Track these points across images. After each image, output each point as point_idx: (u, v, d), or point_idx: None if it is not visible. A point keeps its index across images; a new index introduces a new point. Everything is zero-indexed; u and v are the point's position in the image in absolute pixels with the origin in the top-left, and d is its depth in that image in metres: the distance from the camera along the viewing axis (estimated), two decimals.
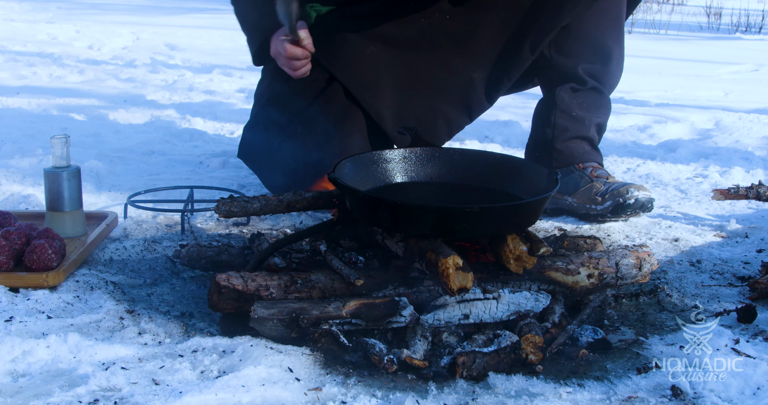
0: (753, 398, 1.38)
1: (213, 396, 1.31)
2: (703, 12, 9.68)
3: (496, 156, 1.98)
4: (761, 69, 6.01)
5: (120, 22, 7.71)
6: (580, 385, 1.44)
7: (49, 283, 1.76)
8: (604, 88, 2.48)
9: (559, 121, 2.45)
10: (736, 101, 4.50)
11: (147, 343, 1.55)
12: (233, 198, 1.78)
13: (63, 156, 2.00)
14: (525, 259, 1.60)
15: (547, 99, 2.51)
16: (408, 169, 1.95)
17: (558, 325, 1.63)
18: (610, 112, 2.55)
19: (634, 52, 6.46)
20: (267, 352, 1.46)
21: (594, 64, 2.44)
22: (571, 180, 2.42)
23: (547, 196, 1.66)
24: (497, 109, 4.02)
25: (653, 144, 3.47)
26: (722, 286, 1.93)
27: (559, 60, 2.43)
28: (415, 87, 2.41)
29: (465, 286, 1.49)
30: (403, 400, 1.35)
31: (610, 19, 2.43)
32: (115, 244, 2.06)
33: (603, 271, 1.72)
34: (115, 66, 5.31)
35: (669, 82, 5.28)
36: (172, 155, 3.09)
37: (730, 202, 2.62)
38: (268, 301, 1.53)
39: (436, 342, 1.58)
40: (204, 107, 3.98)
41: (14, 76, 4.74)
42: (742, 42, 7.96)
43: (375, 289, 1.59)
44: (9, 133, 3.27)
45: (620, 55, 2.50)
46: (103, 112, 3.77)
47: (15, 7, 8.86)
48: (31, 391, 1.34)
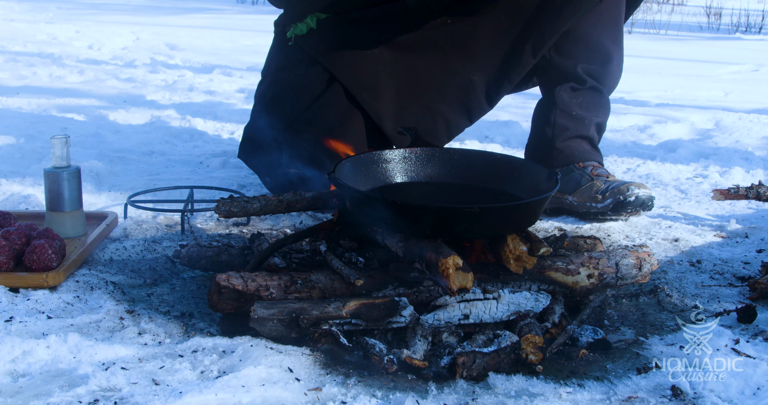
0: (753, 398, 1.38)
1: (213, 396, 1.31)
2: (703, 12, 9.68)
3: (496, 156, 1.98)
4: (761, 69, 6.01)
5: (120, 22, 7.71)
6: (580, 385, 1.44)
7: (49, 283, 1.76)
8: (603, 88, 2.48)
9: (559, 121, 2.46)
10: (736, 101, 4.50)
11: (147, 343, 1.55)
12: (233, 198, 1.78)
13: (63, 156, 2.00)
14: (525, 259, 1.60)
15: (546, 98, 2.52)
16: (408, 169, 1.95)
17: (558, 325, 1.63)
18: (609, 112, 2.55)
19: (634, 52, 6.46)
20: (267, 352, 1.46)
21: (593, 64, 2.44)
22: (572, 179, 2.43)
23: (547, 196, 1.66)
24: (497, 109, 4.01)
25: (653, 144, 3.46)
26: (722, 286, 1.93)
27: (559, 60, 2.44)
28: (414, 88, 2.41)
29: (465, 286, 1.49)
30: (403, 400, 1.35)
31: (609, 20, 2.43)
32: (115, 244, 2.06)
33: (603, 271, 1.72)
34: (115, 66, 5.31)
35: (669, 82, 5.28)
36: (172, 155, 3.09)
37: (730, 202, 2.62)
38: (268, 301, 1.53)
39: (436, 342, 1.58)
40: (204, 107, 3.98)
41: (14, 76, 4.74)
42: (742, 42, 7.96)
43: (375, 289, 1.59)
44: (9, 133, 3.27)
45: (619, 57, 2.50)
46: (103, 112, 3.77)
47: (15, 7, 8.87)
48: (31, 391, 1.34)
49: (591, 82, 2.45)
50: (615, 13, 2.44)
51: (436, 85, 2.41)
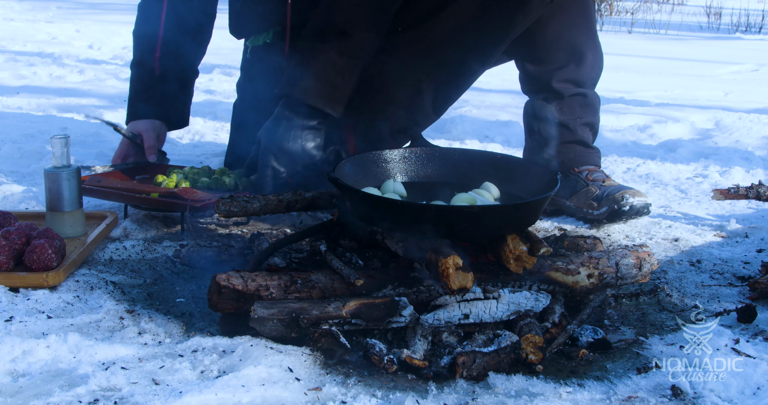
0: (753, 398, 1.38)
1: (213, 396, 1.31)
2: (703, 12, 9.67)
3: (496, 156, 1.98)
4: (761, 69, 6.01)
5: (120, 22, 7.69)
6: (580, 385, 1.44)
7: (49, 283, 1.76)
8: (585, 89, 2.44)
9: (544, 131, 2.43)
10: (736, 101, 4.50)
11: (147, 343, 1.55)
12: (233, 198, 1.78)
13: (63, 156, 2.00)
14: (525, 259, 1.60)
15: (529, 107, 2.50)
16: (408, 169, 1.95)
17: (558, 325, 1.63)
18: (598, 106, 2.51)
19: (634, 52, 6.47)
20: (267, 352, 1.46)
21: (568, 66, 2.38)
22: (568, 184, 2.43)
23: (547, 196, 1.66)
24: (497, 109, 4.02)
25: (653, 144, 3.47)
26: (722, 286, 1.93)
27: (533, 70, 2.40)
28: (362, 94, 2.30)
29: (465, 286, 1.49)
30: (403, 400, 1.35)
31: (578, 13, 2.36)
32: (115, 244, 2.06)
33: (603, 271, 1.72)
34: (115, 66, 5.31)
35: (669, 82, 5.28)
36: (172, 155, 3.08)
37: (730, 202, 2.62)
38: (268, 301, 1.53)
39: (436, 342, 1.58)
40: (204, 107, 3.98)
41: (14, 76, 4.73)
42: (742, 42, 7.96)
43: (375, 289, 1.59)
44: (9, 133, 3.27)
45: (595, 47, 2.43)
46: (103, 112, 3.77)
47: (15, 7, 8.86)
48: (31, 391, 1.34)
49: (570, 90, 2.41)
50: (582, 4, 2.36)
51: (384, 91, 2.33)
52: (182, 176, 2.35)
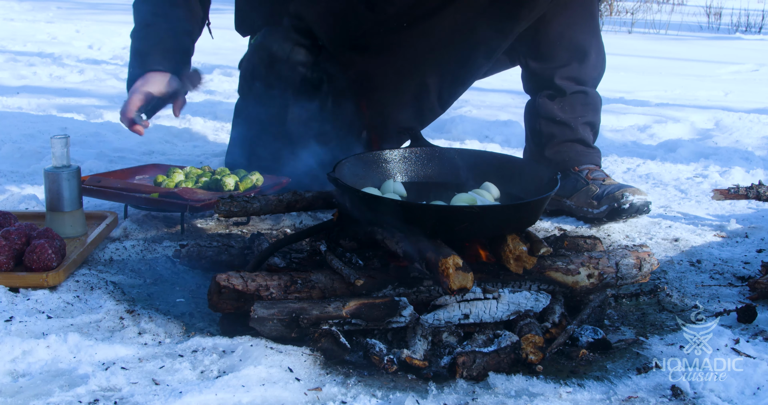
0: (753, 398, 1.38)
1: (213, 396, 1.31)
2: (703, 12, 9.68)
3: (496, 156, 1.98)
4: (761, 69, 6.01)
5: (120, 22, 7.69)
6: (580, 385, 1.44)
7: (49, 283, 1.75)
8: (586, 88, 2.45)
9: (545, 129, 2.44)
10: (736, 101, 4.50)
11: (147, 343, 1.55)
12: (233, 198, 1.78)
13: (63, 156, 2.00)
14: (525, 259, 1.60)
15: (530, 106, 2.50)
16: (408, 169, 1.95)
17: (558, 325, 1.63)
18: (600, 106, 2.51)
19: (634, 52, 6.46)
20: (267, 352, 1.46)
21: (570, 64, 2.39)
22: (568, 183, 2.43)
23: (547, 196, 1.66)
24: (497, 109, 4.02)
25: (653, 144, 3.47)
26: (722, 286, 1.93)
27: (536, 67, 2.41)
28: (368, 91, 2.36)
29: (465, 286, 1.49)
30: (403, 400, 1.35)
31: (581, 12, 2.37)
32: (115, 244, 2.06)
33: (603, 271, 1.72)
34: (115, 66, 5.31)
35: (669, 82, 5.28)
36: (172, 155, 3.09)
37: (730, 202, 2.62)
38: (268, 301, 1.53)
39: (436, 342, 1.58)
40: (204, 107, 3.98)
41: (14, 76, 4.73)
42: (742, 42, 7.96)
43: (375, 289, 1.59)
44: (9, 133, 3.27)
45: (598, 47, 2.45)
46: (103, 112, 3.77)
47: (15, 7, 8.87)
48: (31, 391, 1.34)
49: (572, 88, 2.42)
50: (586, 2, 2.38)
51: (389, 87, 2.37)
52: (182, 176, 2.35)
